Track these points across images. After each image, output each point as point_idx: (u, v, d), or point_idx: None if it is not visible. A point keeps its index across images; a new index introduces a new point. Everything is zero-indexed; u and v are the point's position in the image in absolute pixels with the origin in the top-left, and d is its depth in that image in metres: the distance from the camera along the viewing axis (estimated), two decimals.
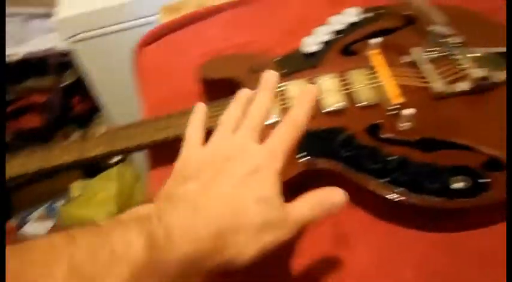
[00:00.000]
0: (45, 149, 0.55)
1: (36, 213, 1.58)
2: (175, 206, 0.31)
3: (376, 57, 0.54)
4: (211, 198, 0.31)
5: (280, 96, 0.53)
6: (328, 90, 0.52)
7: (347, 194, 0.34)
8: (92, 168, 1.60)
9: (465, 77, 0.50)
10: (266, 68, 0.58)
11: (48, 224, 1.52)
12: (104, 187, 1.53)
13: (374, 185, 0.43)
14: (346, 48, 0.59)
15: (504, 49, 0.53)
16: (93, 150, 0.53)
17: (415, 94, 0.50)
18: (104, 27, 0.96)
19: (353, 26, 0.63)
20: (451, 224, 0.43)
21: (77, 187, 1.62)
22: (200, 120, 0.42)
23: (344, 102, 0.51)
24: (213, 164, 0.34)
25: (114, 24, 0.96)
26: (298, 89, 0.54)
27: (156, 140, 0.52)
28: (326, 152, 0.47)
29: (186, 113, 0.53)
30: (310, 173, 0.46)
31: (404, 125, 0.47)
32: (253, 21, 0.79)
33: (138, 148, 0.53)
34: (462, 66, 0.51)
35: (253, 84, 0.55)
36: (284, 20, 0.77)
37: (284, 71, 0.58)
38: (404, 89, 0.50)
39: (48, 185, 1.58)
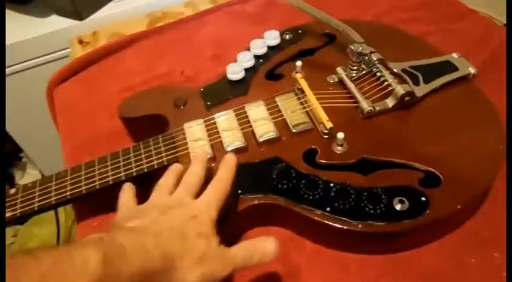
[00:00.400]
0: None
1: None
2: (126, 232, 0.34)
3: (301, 81, 0.52)
4: (161, 226, 0.34)
5: (210, 131, 0.49)
6: (258, 119, 0.49)
7: (278, 243, 0.36)
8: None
9: (390, 93, 0.49)
10: (191, 99, 0.55)
11: None
12: (40, 231, 1.40)
13: (317, 215, 0.41)
14: (271, 72, 0.57)
15: (421, 62, 0.53)
16: (7, 213, 0.45)
17: (345, 115, 0.49)
18: (10, 67, 0.86)
19: (274, 49, 0.61)
20: (394, 246, 0.42)
21: (8, 235, 1.46)
22: (129, 188, 0.43)
23: (277, 131, 0.48)
24: (157, 209, 0.37)
25: (21, 62, 0.86)
26: (227, 122, 0.50)
27: (75, 193, 0.46)
28: (263, 186, 0.43)
29: (106, 159, 0.48)
30: (252, 210, 0.43)
31: (340, 149, 0.46)
32: (173, 48, 0.74)
33: (57, 205, 0.46)
34: (386, 84, 0.51)
35: (179, 118, 0.52)
36: (206, 44, 0.73)
37: (209, 103, 0.54)
38: (335, 111, 0.49)
39: None
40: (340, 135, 0.45)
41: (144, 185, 0.43)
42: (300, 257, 0.44)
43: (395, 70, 0.52)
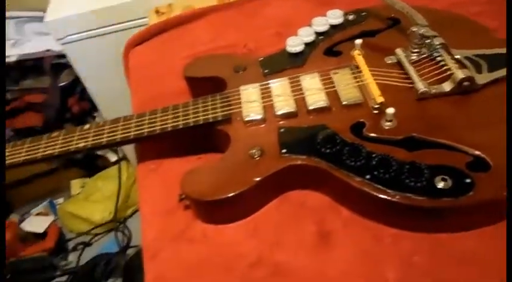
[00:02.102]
0: (34, 140, 0.51)
1: (36, 209, 1.53)
2: None
3: (359, 57, 0.50)
4: None
5: (264, 95, 0.49)
6: (310, 89, 0.48)
7: None
8: (92, 167, 1.55)
9: (448, 78, 0.46)
10: (250, 67, 0.55)
11: (48, 219, 1.47)
12: (102, 186, 1.48)
13: (357, 182, 0.39)
14: (329, 49, 0.56)
15: (486, 51, 0.49)
16: (79, 143, 0.48)
17: (399, 94, 0.47)
18: (93, 30, 0.91)
19: (335, 28, 0.59)
20: (433, 224, 0.40)
21: (76, 185, 1.57)
22: None
23: (327, 101, 0.47)
24: None
25: (104, 27, 0.91)
26: (281, 88, 0.50)
27: (138, 134, 0.48)
28: (308, 149, 0.43)
29: (167, 109, 0.49)
30: (294, 169, 0.43)
31: (388, 124, 0.44)
32: (239, 23, 0.75)
33: (122, 143, 0.49)
34: (445, 68, 0.47)
35: (236, 82, 0.52)
36: (270, 22, 0.73)
37: (267, 70, 0.54)
38: (389, 89, 0.47)
39: (50, 182, 1.53)
40: (390, 110, 0.43)
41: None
42: (334, 222, 0.43)
43: (457, 56, 0.49)
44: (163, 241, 0.46)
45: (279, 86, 0.50)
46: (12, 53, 1.19)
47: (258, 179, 0.42)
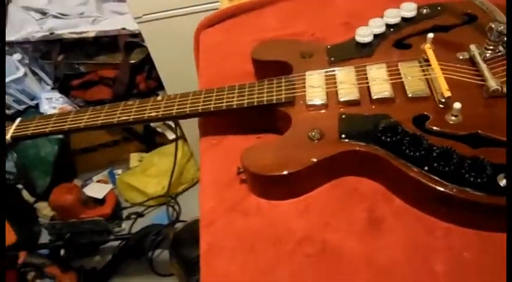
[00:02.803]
0: (112, 107, 0.57)
1: (97, 177, 1.65)
2: None
3: (429, 51, 0.50)
4: None
5: (328, 81, 0.51)
6: (376, 79, 0.49)
7: None
8: (150, 142, 1.64)
9: None
10: (317, 54, 0.57)
11: (107, 187, 1.59)
12: (159, 162, 1.57)
13: (414, 172, 0.40)
14: (399, 41, 0.56)
15: None
16: (151, 113, 0.53)
17: (468, 90, 0.46)
18: (169, 11, 0.97)
19: (407, 21, 0.58)
20: (487, 222, 0.39)
21: (135, 158, 1.68)
22: None
23: (392, 92, 0.47)
24: None
25: (179, 8, 0.96)
26: (346, 76, 0.51)
27: (205, 108, 0.51)
28: (367, 136, 0.44)
29: (234, 88, 0.52)
30: (351, 155, 0.44)
31: (454, 119, 0.43)
32: (309, 12, 0.76)
33: (190, 116, 0.53)
34: None
35: (302, 68, 0.54)
36: (340, 12, 0.74)
37: (333, 58, 0.55)
38: (457, 84, 0.46)
39: (111, 153, 1.65)
40: (457, 105, 0.43)
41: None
42: (387, 210, 0.44)
43: None
44: (219, 211, 0.49)
45: (344, 74, 0.51)
46: (91, 29, 1.29)
47: (314, 160, 0.44)
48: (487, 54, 0.49)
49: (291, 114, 0.49)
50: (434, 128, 0.43)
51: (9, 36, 1.32)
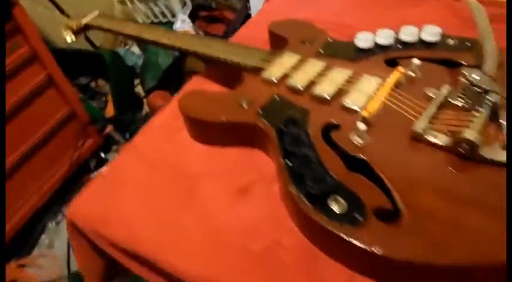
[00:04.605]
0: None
1: None
2: None
3: (395, 74, 0.48)
4: None
5: (296, 66, 0.54)
6: (332, 79, 0.50)
7: None
8: None
9: (454, 133, 0.41)
10: (316, 42, 0.59)
11: None
12: None
13: (279, 162, 0.43)
14: (393, 60, 0.53)
15: None
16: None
17: (396, 123, 0.44)
18: None
19: (425, 44, 0.55)
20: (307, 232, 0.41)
21: None
22: None
23: (332, 94, 0.48)
24: None
25: None
26: (312, 67, 0.53)
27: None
28: (276, 120, 0.47)
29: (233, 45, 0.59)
30: (252, 128, 0.48)
31: (356, 139, 0.43)
32: (379, 8, 0.74)
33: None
34: (466, 123, 0.42)
35: (292, 50, 0.57)
36: (400, 15, 0.70)
37: (323, 51, 0.57)
38: (392, 113, 0.45)
39: None
40: (361, 126, 0.42)
41: None
42: (263, 186, 0.47)
43: (503, 121, 0.42)
44: None
45: (311, 65, 0.53)
46: None
47: (224, 119, 0.49)
48: (454, 101, 0.45)
49: (247, 80, 0.55)
50: (333, 138, 0.44)
51: None
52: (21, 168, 1.18)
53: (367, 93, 0.48)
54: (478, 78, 0.43)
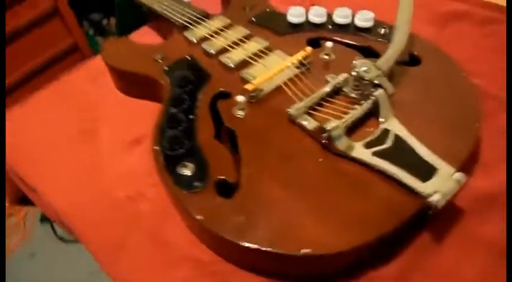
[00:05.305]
0: None
1: None
2: None
3: (301, 52, 0.47)
4: None
5: (219, 29, 0.54)
6: (246, 49, 0.51)
7: None
8: None
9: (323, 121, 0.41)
10: (253, 11, 0.58)
11: None
12: None
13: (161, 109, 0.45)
14: (316, 39, 0.52)
15: (420, 149, 0.39)
16: None
17: (279, 102, 0.44)
18: None
19: (355, 29, 0.53)
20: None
21: None
22: None
23: (237, 63, 0.49)
24: None
25: None
26: (234, 33, 0.53)
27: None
28: (178, 80, 0.48)
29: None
30: (153, 81, 0.50)
31: (237, 111, 0.44)
32: None
33: None
34: (342, 115, 0.41)
35: (229, 15, 0.57)
36: None
37: (255, 20, 0.56)
38: (281, 92, 0.45)
39: None
40: (240, 98, 0.43)
41: None
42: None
43: (384, 127, 0.41)
44: None
45: (234, 32, 0.53)
46: None
47: (129, 69, 0.51)
48: (348, 90, 0.44)
49: (173, 37, 0.56)
50: (217, 106, 0.45)
51: None
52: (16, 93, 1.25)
53: (269, 68, 0.48)
54: (365, 70, 0.42)
